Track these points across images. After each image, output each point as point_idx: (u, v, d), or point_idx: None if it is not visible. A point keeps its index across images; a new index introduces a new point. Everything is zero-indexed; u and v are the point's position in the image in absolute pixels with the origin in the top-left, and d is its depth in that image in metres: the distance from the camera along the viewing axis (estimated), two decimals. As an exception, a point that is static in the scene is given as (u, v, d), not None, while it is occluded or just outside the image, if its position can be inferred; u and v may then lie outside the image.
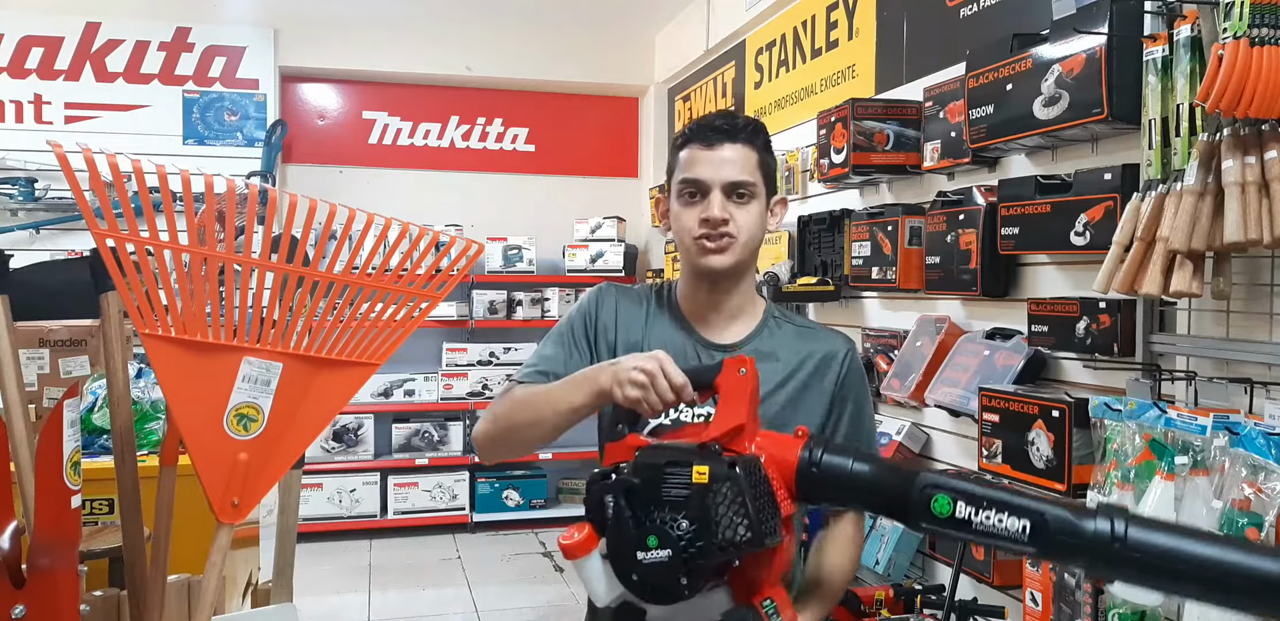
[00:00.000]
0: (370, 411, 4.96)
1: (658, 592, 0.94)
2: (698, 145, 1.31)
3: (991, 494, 0.85)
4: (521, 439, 1.30)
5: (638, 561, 0.94)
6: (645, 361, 1.10)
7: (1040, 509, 0.83)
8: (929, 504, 0.87)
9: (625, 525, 0.94)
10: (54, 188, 4.47)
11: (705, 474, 0.93)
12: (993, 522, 0.84)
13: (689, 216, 1.31)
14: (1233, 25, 1.43)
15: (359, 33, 5.04)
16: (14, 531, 0.95)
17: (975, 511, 0.85)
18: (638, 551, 0.93)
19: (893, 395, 2.71)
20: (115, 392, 1.24)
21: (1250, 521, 1.33)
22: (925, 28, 2.91)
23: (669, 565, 0.92)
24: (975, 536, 0.86)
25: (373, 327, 1.21)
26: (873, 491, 0.94)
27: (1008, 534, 0.83)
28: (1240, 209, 1.48)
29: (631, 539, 0.94)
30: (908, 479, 0.90)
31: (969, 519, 0.85)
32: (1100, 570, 0.85)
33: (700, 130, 1.31)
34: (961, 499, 0.86)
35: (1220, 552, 0.76)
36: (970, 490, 0.86)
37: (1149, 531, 0.79)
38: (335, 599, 4.02)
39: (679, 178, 1.32)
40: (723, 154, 1.29)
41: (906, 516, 0.90)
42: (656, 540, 0.93)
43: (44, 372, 2.52)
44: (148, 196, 1.01)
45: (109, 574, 1.77)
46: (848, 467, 0.96)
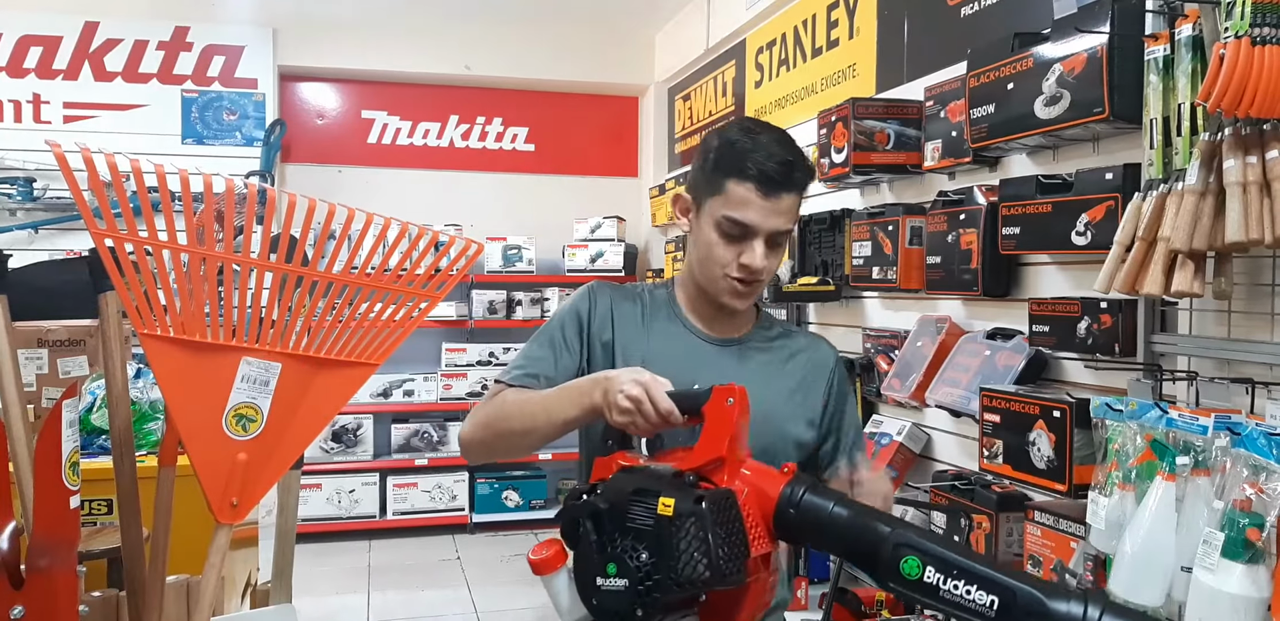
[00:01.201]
0: (369, 412, 4.96)
1: (613, 616, 0.93)
2: (756, 188, 1.24)
3: (964, 563, 0.82)
4: (510, 445, 1.30)
5: (597, 587, 0.93)
6: (632, 387, 1.08)
7: (1011, 586, 0.80)
8: (899, 564, 0.85)
9: (589, 547, 0.94)
10: (53, 187, 4.46)
11: (670, 507, 0.91)
12: (960, 593, 0.81)
13: (726, 254, 1.28)
14: (1234, 25, 1.42)
15: (358, 32, 5.04)
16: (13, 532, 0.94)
17: (944, 578, 0.82)
18: (597, 577, 0.93)
19: (893, 395, 2.71)
20: (114, 393, 1.24)
21: (1251, 522, 1.33)
22: (926, 27, 2.91)
23: (624, 595, 0.91)
24: (940, 604, 0.83)
25: (372, 327, 1.21)
26: (845, 540, 0.91)
27: (974, 606, 0.81)
28: (1242, 208, 1.47)
29: (593, 564, 0.94)
30: (881, 535, 0.87)
31: (936, 585, 0.83)
32: None
33: (763, 175, 1.24)
34: (932, 564, 0.83)
35: None
36: (942, 556, 0.83)
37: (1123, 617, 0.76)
38: (334, 599, 4.02)
39: (724, 213, 1.26)
40: (778, 205, 1.26)
41: (875, 572, 0.88)
42: (615, 568, 0.92)
43: (42, 373, 2.52)
44: (146, 196, 1.00)
45: (108, 574, 1.77)
46: (827, 511, 0.93)
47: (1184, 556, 1.43)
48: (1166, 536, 1.45)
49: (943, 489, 2.36)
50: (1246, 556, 1.31)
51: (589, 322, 1.38)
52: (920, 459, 2.70)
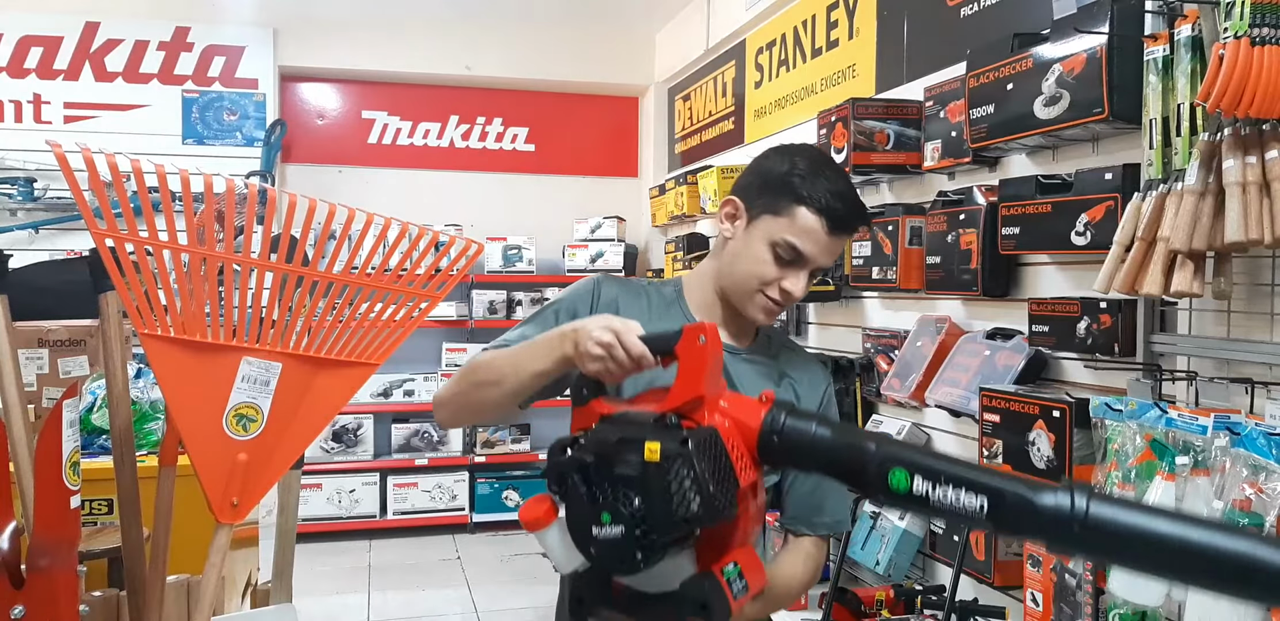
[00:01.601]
0: (370, 411, 4.96)
1: (613, 566, 0.95)
2: (825, 223, 1.26)
3: (950, 469, 0.84)
4: (481, 399, 1.24)
5: (594, 537, 0.94)
6: (602, 332, 1.07)
7: (998, 487, 0.81)
8: (886, 478, 0.86)
9: (580, 500, 0.95)
10: (53, 187, 4.47)
11: (656, 451, 0.91)
12: (950, 499, 0.82)
13: (772, 273, 1.28)
14: (1233, 25, 1.42)
15: (358, 32, 5.04)
16: (13, 531, 0.94)
17: (932, 487, 0.83)
18: (593, 527, 0.94)
19: (893, 395, 2.71)
20: (114, 393, 1.24)
21: (1251, 521, 1.33)
22: (926, 27, 2.91)
23: (621, 541, 0.92)
24: (931, 512, 0.85)
25: (372, 327, 1.21)
26: (833, 460, 0.93)
27: (965, 511, 0.82)
28: (1241, 209, 1.47)
29: (586, 515, 0.94)
30: (866, 451, 0.88)
31: (926, 495, 0.84)
32: (1060, 547, 0.84)
33: (834, 212, 1.26)
34: (919, 473, 0.84)
35: (1185, 532, 0.74)
36: (928, 465, 0.85)
37: (1113, 509, 0.77)
38: (334, 599, 4.02)
39: (786, 237, 1.27)
40: (836, 245, 1.29)
41: (865, 488, 0.90)
42: (610, 517, 0.93)
43: (43, 373, 2.52)
44: (147, 196, 1.01)
45: (108, 574, 1.77)
46: (810, 435, 0.94)
47: (1183, 556, 1.43)
48: (1166, 536, 1.45)
49: (942, 489, 2.35)
50: (1246, 556, 1.31)
51: (593, 310, 1.35)
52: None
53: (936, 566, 2.62)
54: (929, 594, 2.37)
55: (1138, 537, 0.75)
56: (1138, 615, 1.56)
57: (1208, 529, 0.74)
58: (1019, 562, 2.02)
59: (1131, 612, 1.56)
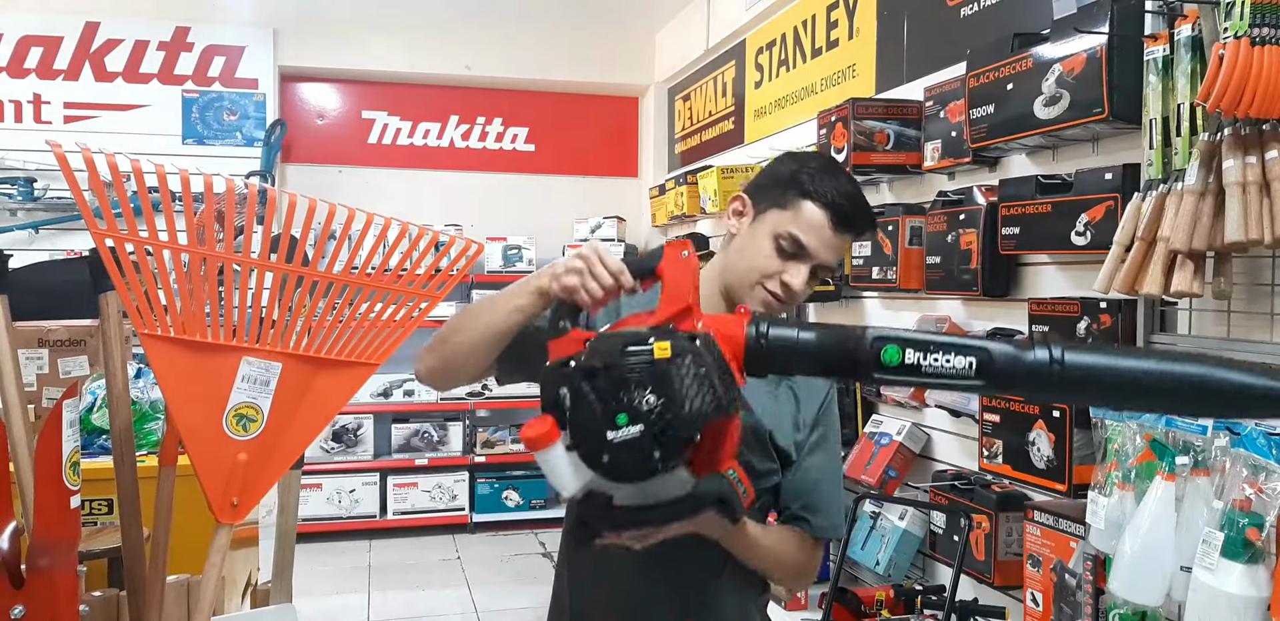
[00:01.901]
0: (369, 411, 4.96)
1: (630, 470, 0.94)
2: (830, 217, 1.27)
3: (935, 338, 0.91)
4: (458, 344, 1.21)
5: (608, 441, 0.93)
6: (581, 250, 1.08)
7: (983, 345, 0.89)
8: (879, 356, 0.91)
9: (591, 407, 0.93)
10: (53, 187, 4.47)
11: (667, 349, 0.93)
12: (941, 363, 0.89)
13: (773, 266, 1.28)
14: (1233, 25, 1.42)
15: (358, 32, 5.04)
16: (13, 531, 0.94)
17: (923, 356, 0.90)
18: (608, 432, 0.93)
19: (893, 395, 2.71)
20: (114, 393, 1.24)
21: (1251, 521, 1.33)
22: (926, 27, 2.91)
23: (641, 440, 0.92)
24: (926, 379, 0.90)
25: (372, 327, 1.21)
26: (823, 354, 0.96)
27: (956, 371, 0.89)
28: (1241, 209, 1.47)
29: (599, 420, 0.93)
30: (855, 336, 0.94)
31: (918, 364, 0.90)
32: (1043, 393, 0.90)
33: (840, 208, 1.27)
34: (909, 346, 0.91)
35: (1145, 364, 0.84)
36: (916, 337, 0.92)
37: (1083, 353, 0.85)
38: (334, 599, 4.02)
39: (790, 229, 1.27)
40: (839, 241, 1.29)
41: (858, 371, 0.94)
42: (626, 417, 0.92)
43: (43, 373, 2.52)
44: (147, 196, 1.01)
45: (108, 574, 1.77)
46: (794, 336, 0.97)
47: (1183, 556, 1.43)
48: (1166, 536, 1.45)
49: (942, 488, 2.36)
50: (1246, 556, 1.31)
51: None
52: (920, 458, 2.70)
53: (936, 566, 2.62)
54: (929, 594, 2.37)
55: (1109, 374, 0.85)
56: (1138, 615, 1.56)
57: (1165, 358, 0.85)
58: (1019, 562, 2.02)
59: (1131, 612, 1.56)
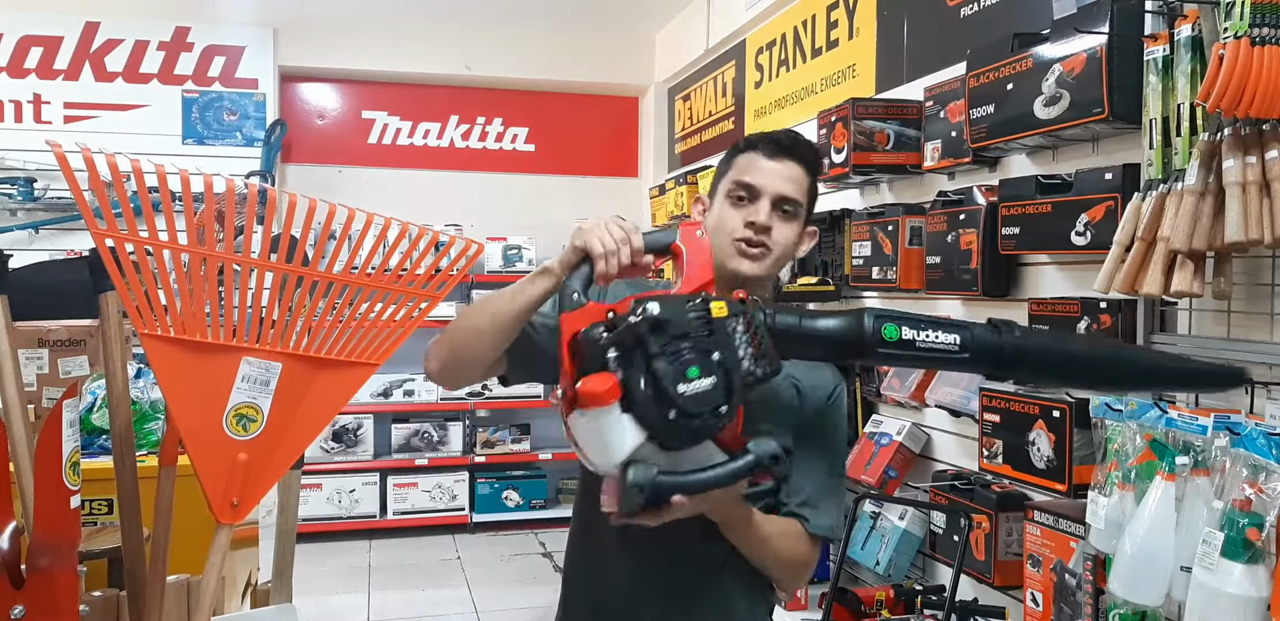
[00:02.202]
0: (369, 411, 4.95)
1: (699, 425, 0.96)
2: (759, 153, 1.31)
3: (926, 317, 1.07)
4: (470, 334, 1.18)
5: (679, 395, 0.94)
6: (614, 225, 1.09)
7: (966, 325, 1.07)
8: (881, 332, 1.03)
9: (661, 362, 0.94)
10: (53, 187, 4.46)
11: (723, 308, 0.99)
12: (932, 340, 1.04)
13: (733, 217, 1.29)
14: (1233, 25, 1.42)
15: (358, 32, 5.04)
16: (13, 531, 0.94)
17: (917, 332, 1.04)
18: (679, 384, 0.94)
19: (893, 395, 2.71)
20: (114, 393, 1.24)
21: (1251, 521, 1.33)
22: (926, 27, 2.91)
23: (713, 392, 0.96)
24: (919, 353, 1.05)
25: (372, 328, 1.21)
26: (828, 339, 1.05)
27: (943, 346, 1.04)
28: (1241, 209, 1.47)
29: (671, 373, 0.94)
30: (857, 316, 1.05)
31: (914, 340, 1.04)
32: (1005, 371, 1.09)
33: (765, 140, 1.32)
34: (905, 324, 1.05)
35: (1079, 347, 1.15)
36: (909, 316, 1.06)
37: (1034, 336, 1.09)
38: (334, 599, 4.02)
39: (732, 179, 1.31)
40: (782, 167, 1.30)
41: (863, 349, 1.04)
42: (698, 370, 0.95)
43: (43, 373, 2.52)
44: (147, 196, 1.01)
45: (108, 574, 1.77)
46: (798, 322, 1.06)
47: (1184, 556, 1.43)
48: (1166, 536, 1.45)
49: (942, 488, 2.36)
50: (1246, 556, 1.31)
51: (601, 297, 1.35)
52: (920, 459, 2.70)
53: (936, 566, 2.62)
54: (929, 594, 2.37)
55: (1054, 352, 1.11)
56: (1138, 615, 1.56)
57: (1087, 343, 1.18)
58: (1019, 562, 2.02)
59: (1131, 612, 1.56)
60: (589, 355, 0.97)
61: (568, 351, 1.00)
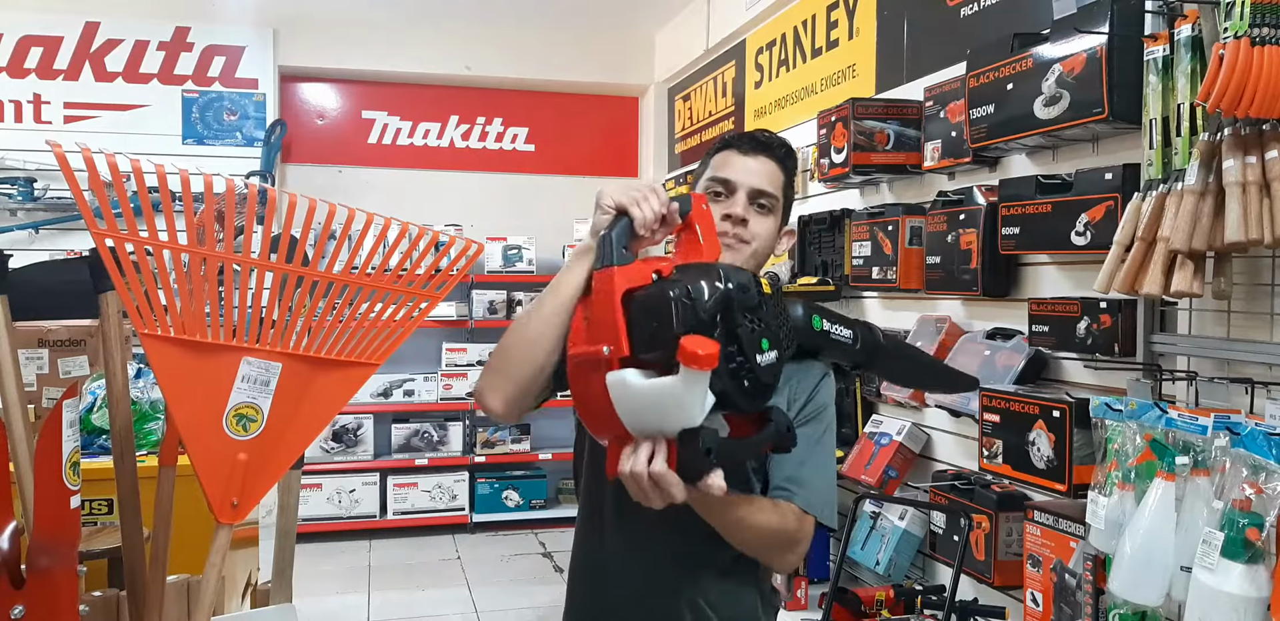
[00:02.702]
0: (369, 411, 4.96)
1: (763, 394, 1.00)
2: (734, 150, 1.35)
3: (840, 314, 1.22)
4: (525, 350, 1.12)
5: (756, 364, 0.97)
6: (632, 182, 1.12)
7: (858, 322, 1.23)
8: (811, 321, 1.15)
9: (743, 331, 0.96)
10: (53, 187, 4.46)
11: (767, 285, 1.03)
12: (840, 333, 1.19)
13: (711, 211, 1.30)
14: (1233, 25, 1.42)
15: (358, 32, 5.04)
16: (13, 531, 0.94)
17: (832, 326, 1.18)
18: (756, 355, 0.97)
19: (893, 395, 2.71)
20: (114, 393, 1.24)
21: (1251, 521, 1.33)
22: (926, 27, 2.91)
23: (776, 366, 1.00)
24: (829, 342, 1.18)
25: (372, 328, 1.21)
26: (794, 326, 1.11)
27: (845, 338, 1.20)
28: (1241, 209, 1.47)
29: (753, 343, 0.97)
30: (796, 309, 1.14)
31: (829, 331, 1.17)
32: (874, 363, 1.27)
33: (740, 138, 1.36)
34: (825, 317, 1.17)
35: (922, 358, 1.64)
36: (830, 311, 1.19)
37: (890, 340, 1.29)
38: (335, 599, 4.02)
39: (708, 176, 1.35)
40: (756, 162, 1.33)
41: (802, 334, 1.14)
42: (768, 343, 0.99)
43: (43, 373, 2.52)
44: (147, 196, 1.01)
45: (108, 574, 1.77)
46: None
47: (1183, 556, 1.43)
48: (1166, 536, 1.45)
49: (942, 488, 2.36)
50: (1246, 556, 1.31)
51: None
52: (920, 458, 2.70)
53: (936, 566, 2.62)
54: (929, 594, 2.37)
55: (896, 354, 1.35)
56: (1138, 615, 1.56)
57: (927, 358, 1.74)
58: (1019, 563, 2.02)
59: (1131, 612, 1.56)
60: (675, 316, 0.94)
61: (622, 307, 0.97)
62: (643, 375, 0.94)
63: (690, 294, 0.95)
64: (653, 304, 0.96)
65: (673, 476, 0.95)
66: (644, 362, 0.96)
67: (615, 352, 0.96)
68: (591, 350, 0.98)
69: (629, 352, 0.96)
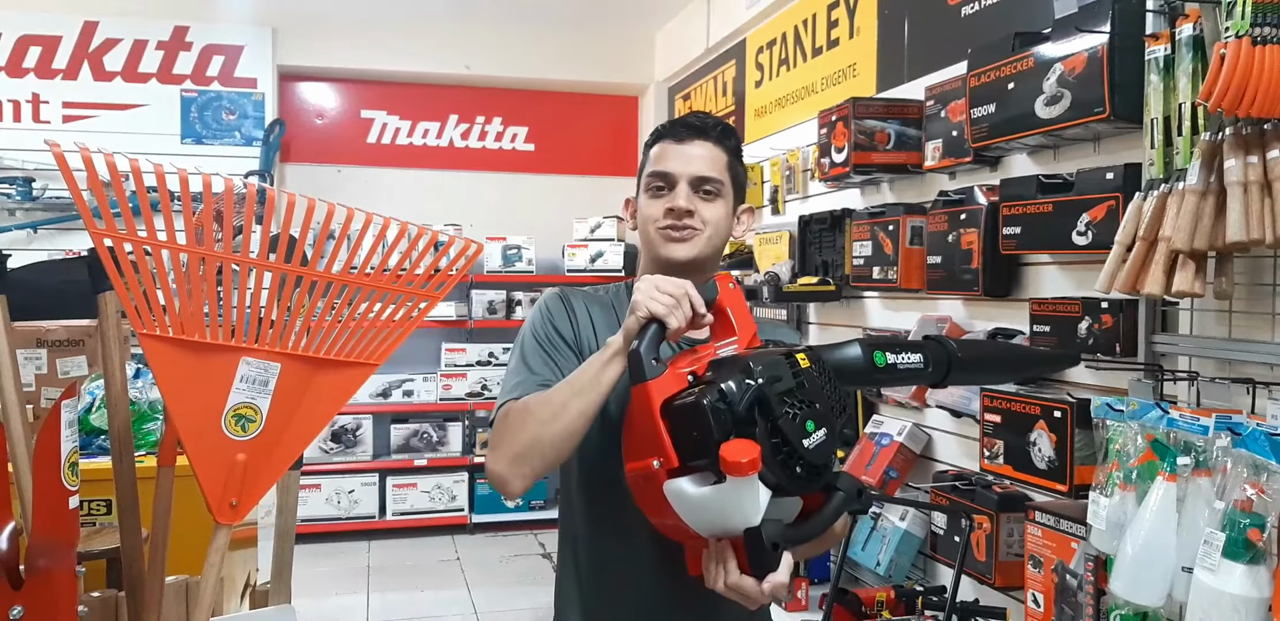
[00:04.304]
0: (369, 412, 4.95)
1: (819, 475, 0.99)
2: (668, 140, 1.33)
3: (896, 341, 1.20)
4: (547, 442, 1.12)
5: (805, 448, 0.96)
6: (665, 284, 1.10)
7: (919, 344, 1.17)
8: (873, 359, 1.10)
9: (784, 421, 0.96)
10: (52, 187, 4.46)
11: (805, 359, 1.01)
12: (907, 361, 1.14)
13: (654, 207, 1.31)
14: (1234, 24, 1.42)
15: (358, 31, 5.03)
16: (12, 532, 0.94)
17: (897, 356, 1.13)
18: (803, 440, 0.96)
19: (894, 395, 2.71)
20: (113, 393, 1.24)
21: (1252, 522, 1.32)
22: (926, 26, 2.91)
23: (827, 444, 0.99)
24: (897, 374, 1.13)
25: (371, 327, 1.20)
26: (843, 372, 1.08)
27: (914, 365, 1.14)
28: (1242, 208, 1.47)
29: (796, 431, 0.96)
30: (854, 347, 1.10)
31: (896, 363, 1.12)
32: (951, 380, 1.20)
33: (672, 126, 1.34)
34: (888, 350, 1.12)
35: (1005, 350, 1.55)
36: (886, 341, 1.15)
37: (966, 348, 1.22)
38: (334, 600, 4.01)
39: (648, 171, 1.34)
40: (692, 150, 1.31)
41: (868, 377, 1.11)
42: (814, 423, 0.97)
43: (41, 373, 2.51)
44: (145, 196, 1.00)
45: (107, 575, 1.77)
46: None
47: (1185, 556, 1.43)
48: (1167, 536, 1.45)
49: (943, 489, 2.36)
50: (1247, 556, 1.31)
51: (576, 327, 1.32)
52: (921, 459, 2.70)
53: (937, 567, 2.61)
54: (930, 595, 2.37)
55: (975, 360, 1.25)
56: (1139, 616, 1.55)
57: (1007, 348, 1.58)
58: (1020, 563, 2.02)
59: (1133, 613, 1.55)
60: (713, 423, 0.95)
61: (665, 421, 0.99)
62: (697, 482, 0.97)
63: (724, 397, 0.96)
64: (689, 413, 0.98)
65: (749, 584, 0.98)
66: (696, 468, 0.98)
67: (665, 464, 0.98)
68: (644, 465, 1.01)
69: (678, 463, 0.98)
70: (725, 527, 0.98)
